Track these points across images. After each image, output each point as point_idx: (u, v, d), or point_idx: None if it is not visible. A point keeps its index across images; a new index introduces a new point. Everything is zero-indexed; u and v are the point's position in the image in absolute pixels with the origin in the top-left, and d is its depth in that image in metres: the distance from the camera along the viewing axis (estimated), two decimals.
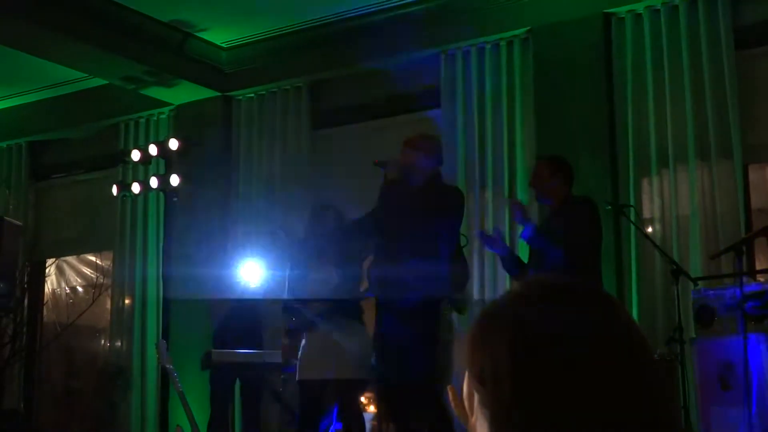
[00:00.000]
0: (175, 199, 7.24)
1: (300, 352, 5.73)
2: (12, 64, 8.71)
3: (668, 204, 6.73)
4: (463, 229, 5.52)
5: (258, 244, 7.30)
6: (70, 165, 10.03)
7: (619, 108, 6.99)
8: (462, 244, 5.35)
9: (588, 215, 5.33)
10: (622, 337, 1.14)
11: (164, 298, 7.22)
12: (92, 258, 10.39)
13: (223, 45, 8.68)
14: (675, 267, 5.65)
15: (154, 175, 7.48)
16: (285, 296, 5.86)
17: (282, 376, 6.88)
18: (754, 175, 6.83)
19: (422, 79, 7.93)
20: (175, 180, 7.12)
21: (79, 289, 10.55)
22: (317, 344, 5.58)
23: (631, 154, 6.87)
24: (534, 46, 7.36)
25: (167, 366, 6.52)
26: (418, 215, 5.08)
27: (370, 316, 5.73)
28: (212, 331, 7.28)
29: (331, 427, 6.04)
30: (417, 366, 4.98)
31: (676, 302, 5.59)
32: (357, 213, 6.31)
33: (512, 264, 5.64)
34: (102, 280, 9.49)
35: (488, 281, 7.16)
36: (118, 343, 9.10)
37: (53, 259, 10.22)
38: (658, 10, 6.91)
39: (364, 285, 5.60)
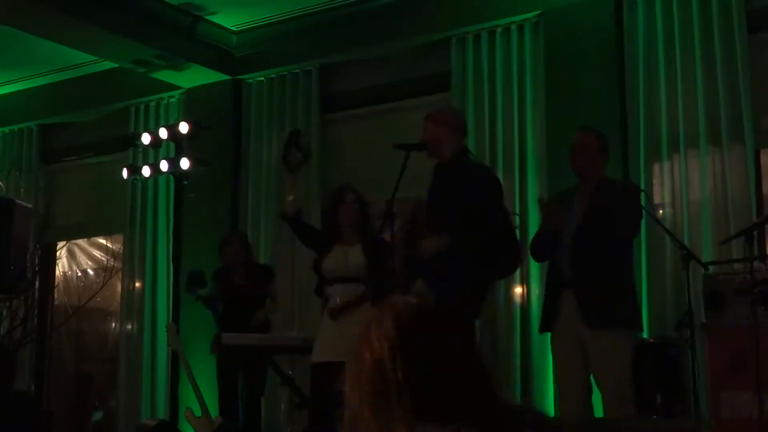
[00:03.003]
0: (185, 182, 7.24)
1: (317, 337, 5.72)
2: (22, 48, 8.72)
3: (679, 189, 6.71)
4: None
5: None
6: (81, 148, 10.04)
7: (631, 92, 6.96)
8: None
9: (639, 202, 5.27)
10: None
11: (174, 282, 7.22)
12: (103, 241, 10.42)
13: (233, 28, 8.67)
14: (685, 252, 5.63)
15: (164, 158, 7.48)
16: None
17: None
18: (766, 159, 6.80)
19: (432, 63, 7.91)
20: (185, 163, 7.12)
21: (90, 272, 10.59)
22: (334, 327, 5.57)
23: (642, 138, 6.85)
24: (545, 29, 7.33)
25: (177, 349, 6.54)
26: (446, 194, 5.00)
27: None
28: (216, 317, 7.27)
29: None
30: None
31: (687, 287, 5.57)
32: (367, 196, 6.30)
33: (545, 244, 5.38)
34: (113, 264, 9.52)
35: None
36: (129, 326, 9.14)
37: (64, 242, 10.25)
38: None
39: None
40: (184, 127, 7.19)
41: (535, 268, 6.83)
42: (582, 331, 5.03)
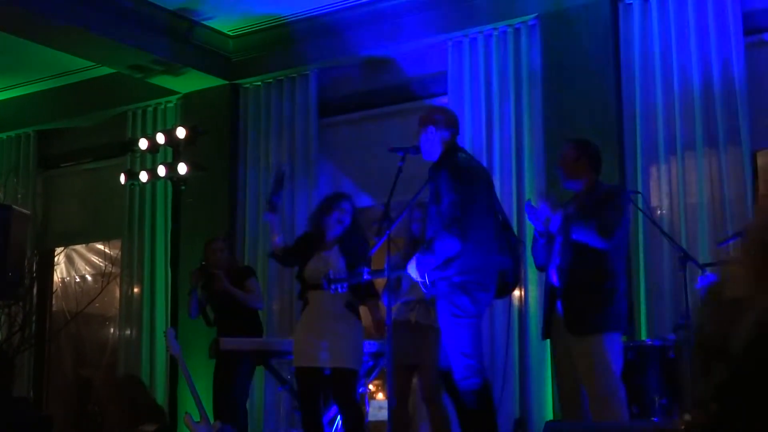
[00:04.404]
0: (183, 187, 7.24)
1: (294, 339, 5.75)
2: (20, 54, 8.72)
3: (676, 191, 6.71)
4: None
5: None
6: (78, 154, 10.05)
7: (627, 94, 6.97)
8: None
9: (622, 205, 5.20)
10: None
11: (173, 286, 7.22)
12: (101, 247, 10.42)
13: (229, 33, 8.68)
14: (683, 254, 5.63)
15: (161, 163, 7.48)
16: None
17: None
18: (762, 160, 6.81)
19: (429, 67, 7.93)
20: (182, 168, 7.12)
21: (88, 277, 10.58)
22: (311, 331, 5.59)
23: (639, 140, 6.86)
24: (542, 32, 7.34)
25: (176, 354, 6.54)
26: (432, 194, 5.00)
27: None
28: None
29: (338, 419, 6.07)
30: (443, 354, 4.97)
31: (684, 289, 5.57)
32: (364, 200, 6.31)
33: (543, 248, 5.29)
34: (111, 269, 9.52)
35: None
36: (128, 332, 9.14)
37: (62, 248, 10.25)
38: None
39: None
40: (181, 132, 7.19)
41: (533, 271, 6.82)
42: (567, 337, 5.04)
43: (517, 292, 7.13)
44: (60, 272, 10.46)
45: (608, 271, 4.97)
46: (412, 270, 4.95)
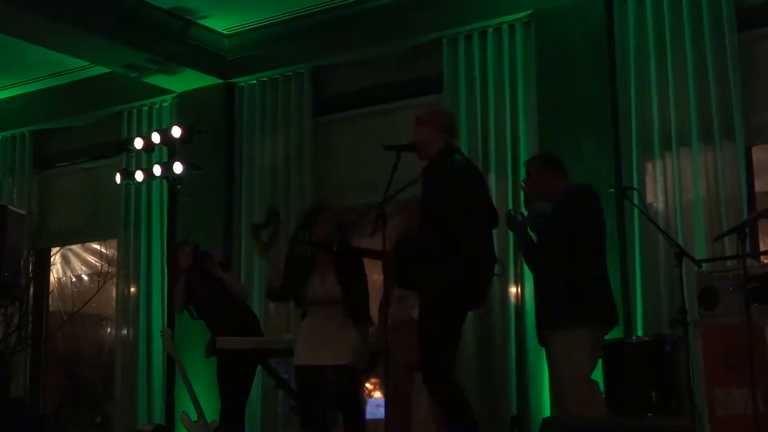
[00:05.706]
0: (179, 186, 7.23)
1: (297, 338, 5.73)
2: (15, 54, 8.72)
3: (671, 186, 6.72)
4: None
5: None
6: (74, 153, 10.05)
7: (622, 90, 6.97)
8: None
9: (579, 202, 5.20)
10: None
11: (169, 286, 7.21)
12: (97, 246, 10.41)
13: (224, 32, 8.68)
14: (678, 249, 5.64)
15: (157, 162, 7.48)
16: None
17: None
18: (757, 155, 6.81)
19: (424, 64, 7.93)
20: (178, 167, 7.11)
21: (85, 277, 10.58)
22: (313, 330, 5.58)
23: (634, 136, 6.86)
24: (536, 29, 7.34)
25: (173, 353, 6.54)
26: (422, 194, 4.99)
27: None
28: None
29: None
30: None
31: (680, 284, 5.58)
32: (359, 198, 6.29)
33: (527, 247, 5.46)
34: (107, 269, 9.51)
35: None
36: (124, 331, 9.13)
37: (58, 248, 10.24)
38: None
39: None
40: (176, 132, 7.18)
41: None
42: (546, 334, 5.20)
43: (513, 290, 7.15)
44: (56, 272, 10.45)
45: (578, 268, 5.03)
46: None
